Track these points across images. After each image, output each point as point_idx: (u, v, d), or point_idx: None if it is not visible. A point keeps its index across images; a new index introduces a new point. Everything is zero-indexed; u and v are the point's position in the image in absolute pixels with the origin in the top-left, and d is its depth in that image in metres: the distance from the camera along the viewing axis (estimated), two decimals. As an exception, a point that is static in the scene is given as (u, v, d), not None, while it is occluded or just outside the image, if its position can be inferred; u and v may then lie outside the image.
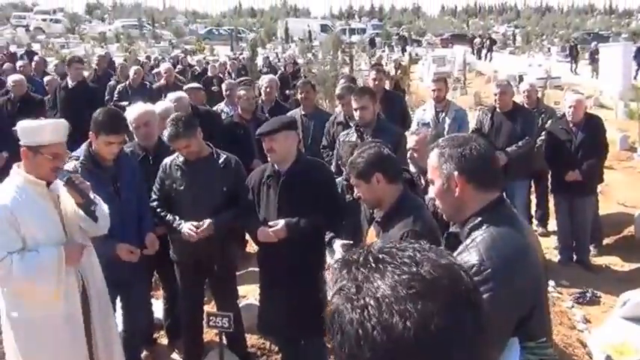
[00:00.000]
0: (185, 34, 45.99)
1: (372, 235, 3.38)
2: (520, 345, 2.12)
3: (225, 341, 4.53)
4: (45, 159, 3.45)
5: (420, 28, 53.42)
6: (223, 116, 7.72)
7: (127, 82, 10.33)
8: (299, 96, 7.27)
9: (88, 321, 3.65)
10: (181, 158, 4.47)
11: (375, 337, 0.92)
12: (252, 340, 5.07)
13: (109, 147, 4.15)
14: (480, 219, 2.21)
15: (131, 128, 4.83)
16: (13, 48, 28.71)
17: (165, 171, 4.54)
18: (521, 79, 18.74)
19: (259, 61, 19.94)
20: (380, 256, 1.01)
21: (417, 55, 30.71)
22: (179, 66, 16.13)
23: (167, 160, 4.56)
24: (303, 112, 7.12)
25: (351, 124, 6.40)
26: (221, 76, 14.66)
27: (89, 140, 4.21)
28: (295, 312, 4.02)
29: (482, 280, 2.00)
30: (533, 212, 8.16)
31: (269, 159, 4.34)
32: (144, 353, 5.10)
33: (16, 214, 3.39)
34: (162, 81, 10.95)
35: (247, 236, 5.65)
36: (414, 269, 0.97)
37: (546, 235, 7.81)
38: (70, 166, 3.98)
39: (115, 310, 4.39)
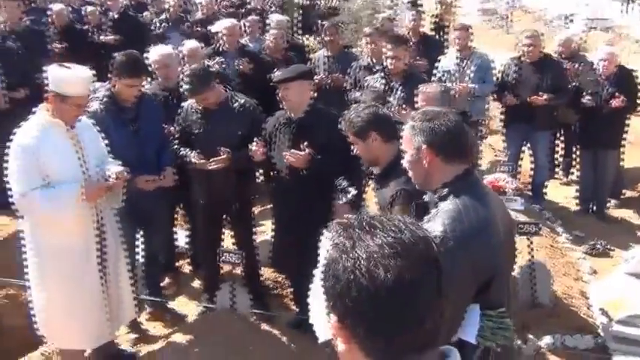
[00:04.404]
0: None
1: (370, 193, 3.55)
2: (480, 312, 2.33)
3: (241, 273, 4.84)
4: (69, 108, 3.73)
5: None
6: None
7: (166, 15, 10.43)
8: (325, 38, 7.31)
9: (102, 252, 3.97)
10: (199, 102, 4.68)
11: (362, 282, 1.19)
12: (267, 273, 5.40)
13: (130, 89, 4.40)
14: (447, 190, 2.38)
15: (152, 69, 5.05)
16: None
17: (184, 115, 4.76)
18: (569, 18, 18.10)
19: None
20: (372, 222, 1.27)
21: (464, -12, 29.67)
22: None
23: (186, 104, 4.77)
24: (328, 54, 7.18)
25: (376, 68, 6.48)
26: (260, 7, 14.56)
27: (112, 82, 4.45)
28: (305, 248, 4.27)
29: (444, 250, 2.18)
30: (558, 161, 8.19)
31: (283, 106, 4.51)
32: (167, 280, 5.50)
33: (39, 153, 3.68)
34: (201, 14, 11.07)
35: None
36: (398, 235, 1.24)
37: (568, 184, 7.84)
38: (92, 106, 4.24)
39: (135, 241, 4.76)
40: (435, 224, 2.27)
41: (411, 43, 7.21)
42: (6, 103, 6.16)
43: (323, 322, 1.61)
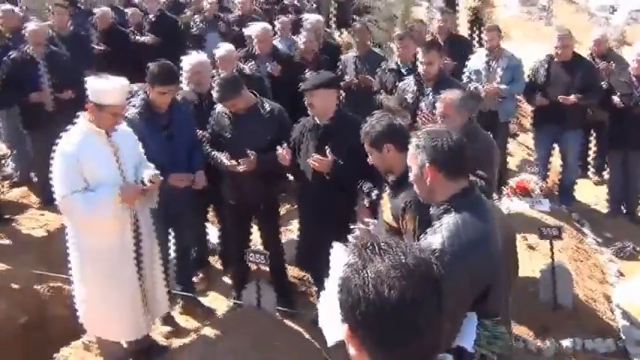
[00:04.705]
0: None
1: (386, 199, 3.71)
2: (477, 320, 2.48)
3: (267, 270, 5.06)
4: (106, 116, 4.00)
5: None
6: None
7: (203, 15, 10.68)
8: (354, 40, 7.46)
9: (138, 250, 4.25)
10: (230, 107, 4.91)
11: (370, 298, 1.40)
12: (293, 271, 5.60)
13: (163, 96, 4.66)
14: (448, 205, 2.53)
15: (185, 76, 5.31)
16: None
17: (215, 119, 5.01)
18: (613, 9, 17.79)
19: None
20: (382, 246, 1.50)
21: (504, -22, 29.28)
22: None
23: (217, 109, 5.01)
24: (357, 55, 7.33)
25: (403, 70, 6.60)
26: (297, 4, 14.74)
27: (146, 90, 4.72)
28: (328, 248, 4.45)
29: (443, 264, 2.34)
30: (591, 160, 8.18)
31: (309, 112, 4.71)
32: (199, 275, 5.76)
33: (80, 158, 3.95)
34: (237, 13, 11.30)
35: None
36: (403, 259, 1.45)
37: (600, 184, 7.83)
38: (128, 113, 4.51)
39: (168, 239, 5.03)
40: (435, 238, 2.43)
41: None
42: (53, 105, 6.46)
43: (332, 326, 1.81)
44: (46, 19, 8.83)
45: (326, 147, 4.51)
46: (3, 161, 7.69)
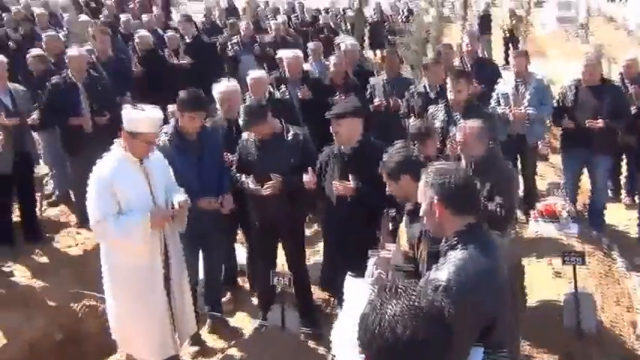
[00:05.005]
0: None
1: (403, 227, 3.80)
2: (484, 353, 2.56)
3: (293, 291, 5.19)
4: (140, 144, 4.21)
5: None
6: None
7: (238, 38, 10.97)
8: (384, 65, 7.60)
9: (167, 272, 4.43)
10: (256, 134, 5.09)
11: (385, 335, 1.58)
12: (318, 293, 5.71)
13: (193, 122, 4.87)
14: (455, 240, 2.63)
15: (217, 104, 5.52)
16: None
17: (243, 144, 5.20)
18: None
19: (374, 2, 19.80)
20: (399, 288, 1.69)
21: (543, -4, 29.06)
22: (294, 14, 16.56)
23: (245, 135, 5.21)
24: (386, 79, 7.46)
25: (432, 94, 6.70)
26: (332, 25, 14.98)
27: (176, 118, 4.93)
28: (351, 271, 4.57)
29: (449, 299, 2.44)
30: (622, 184, 8.11)
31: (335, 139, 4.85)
32: (228, 296, 5.92)
33: (114, 184, 4.17)
34: (272, 36, 11.57)
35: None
36: (416, 302, 1.64)
37: (632, 208, 7.74)
38: (160, 140, 4.71)
39: (197, 260, 5.21)
40: (442, 273, 2.53)
41: (467, 66, 7.43)
42: (91, 128, 6.72)
43: (345, 355, 1.97)
44: (88, 42, 9.20)
45: (349, 173, 4.64)
46: (44, 180, 8.00)
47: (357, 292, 3.62)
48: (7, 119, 6.01)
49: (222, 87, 5.60)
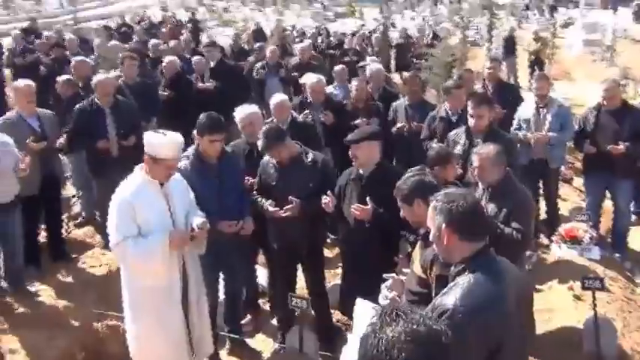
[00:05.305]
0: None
1: (417, 251, 3.83)
2: None
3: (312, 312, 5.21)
4: (161, 168, 4.31)
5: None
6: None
7: (265, 61, 11.14)
8: (406, 88, 7.66)
9: (185, 293, 4.51)
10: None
11: (382, 356, 1.66)
12: (337, 315, 5.73)
13: (213, 145, 4.96)
14: (463, 266, 2.66)
15: (239, 126, 5.63)
16: (181, 11, 31.29)
17: (263, 168, 5.29)
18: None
19: (400, 24, 19.95)
20: (399, 312, 1.78)
21: (569, 18, 28.92)
22: (320, 37, 16.78)
23: (265, 158, 5.29)
24: (407, 103, 7.52)
25: (453, 119, 6.73)
26: (357, 48, 15.10)
27: (197, 142, 5.04)
28: (369, 293, 4.60)
29: (454, 324, 2.47)
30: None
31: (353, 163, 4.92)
32: (248, 317, 5.97)
33: (135, 206, 4.27)
34: (297, 59, 11.72)
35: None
36: (415, 326, 1.72)
37: (658, 233, 7.64)
38: (181, 163, 4.82)
39: (217, 282, 5.28)
40: (449, 298, 2.55)
41: (489, 90, 7.46)
42: (117, 152, 6.87)
43: None
44: (119, 67, 9.43)
45: (367, 196, 4.69)
46: (71, 202, 8.18)
47: (366, 315, 3.64)
48: (35, 143, 6.18)
49: (243, 111, 5.72)
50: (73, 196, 8.29)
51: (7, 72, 12.82)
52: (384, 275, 3.93)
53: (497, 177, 4.52)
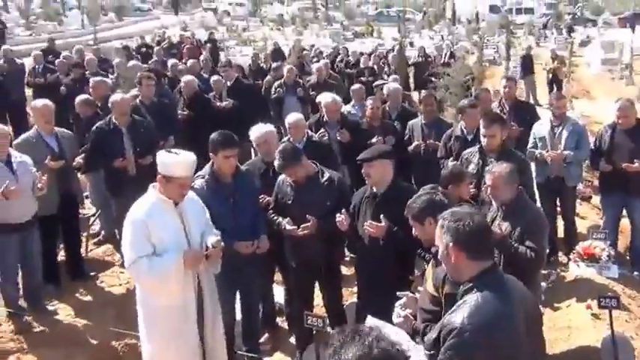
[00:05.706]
0: (356, 16, 46.86)
1: (430, 269, 3.83)
2: None
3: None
4: (174, 187, 4.36)
5: (598, 7, 48.62)
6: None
7: (282, 80, 11.25)
8: (422, 107, 7.69)
9: (201, 311, 4.53)
10: (292, 176, 5.21)
11: None
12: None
13: (228, 160, 5.02)
14: (471, 284, 2.66)
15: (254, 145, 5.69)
16: (201, 31, 31.73)
17: (279, 186, 5.33)
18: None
19: (418, 43, 20.00)
20: (359, 334, 1.87)
21: (587, 37, 28.84)
22: (339, 57, 16.88)
23: (281, 177, 5.34)
24: (423, 121, 7.55)
25: (469, 137, 6.73)
26: (375, 67, 15.18)
27: (212, 161, 5.11)
28: (383, 311, 4.60)
29: (461, 342, 2.48)
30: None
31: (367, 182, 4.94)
32: (266, 335, 5.98)
33: (149, 225, 4.30)
34: (315, 78, 11.82)
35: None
36: (367, 350, 1.82)
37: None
38: (196, 182, 4.88)
39: (234, 300, 5.30)
40: (456, 316, 2.56)
41: (505, 109, 7.46)
42: (134, 170, 6.95)
43: None
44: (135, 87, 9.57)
45: (381, 214, 4.70)
46: (90, 221, 8.28)
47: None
48: (53, 162, 6.27)
49: (258, 130, 5.78)
50: (92, 215, 8.38)
51: (28, 92, 13.09)
52: (398, 293, 3.94)
53: (510, 195, 4.52)
